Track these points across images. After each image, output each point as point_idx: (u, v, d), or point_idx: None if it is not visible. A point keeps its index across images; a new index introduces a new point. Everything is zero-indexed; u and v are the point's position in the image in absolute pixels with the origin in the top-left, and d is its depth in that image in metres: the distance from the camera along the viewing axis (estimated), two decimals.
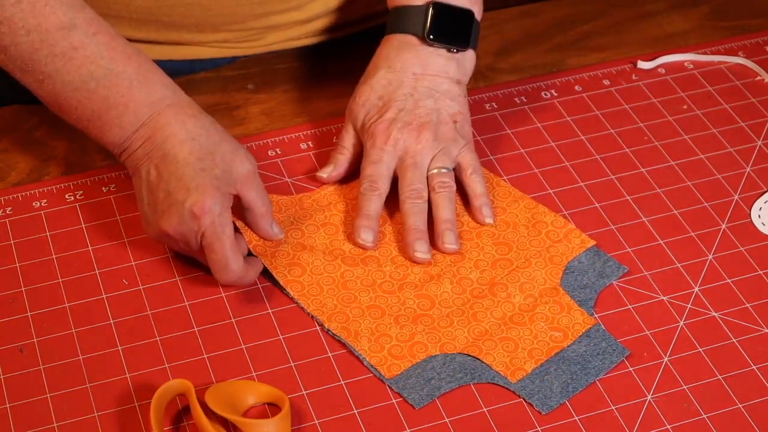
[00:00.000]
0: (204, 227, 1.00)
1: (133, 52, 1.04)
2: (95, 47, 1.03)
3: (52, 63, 1.03)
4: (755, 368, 1.00)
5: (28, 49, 1.02)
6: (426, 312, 1.03)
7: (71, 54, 1.02)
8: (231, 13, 1.20)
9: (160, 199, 1.02)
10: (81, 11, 1.03)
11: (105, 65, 1.03)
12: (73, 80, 1.03)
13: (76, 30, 1.02)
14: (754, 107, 1.24)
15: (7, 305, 1.04)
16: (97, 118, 1.04)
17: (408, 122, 1.10)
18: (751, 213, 1.13)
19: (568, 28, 1.34)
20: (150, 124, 1.03)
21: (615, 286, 1.06)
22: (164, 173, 1.02)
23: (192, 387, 0.94)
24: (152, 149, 1.03)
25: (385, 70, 1.13)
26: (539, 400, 0.97)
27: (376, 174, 1.09)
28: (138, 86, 1.03)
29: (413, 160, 1.09)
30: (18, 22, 1.02)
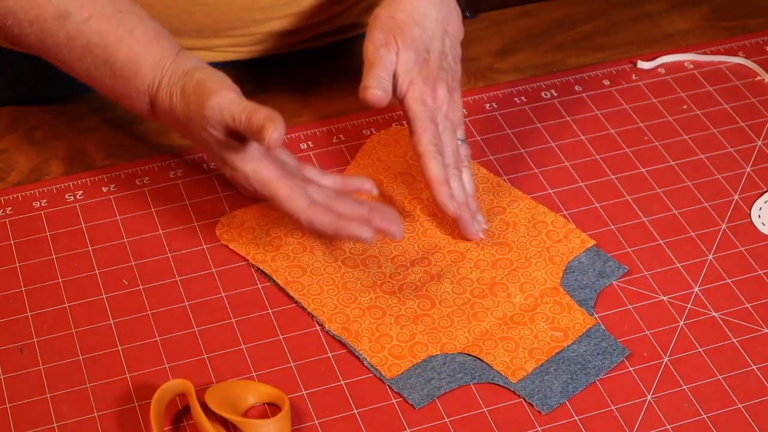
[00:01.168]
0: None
1: (125, 32, 1.04)
2: (88, 35, 1.03)
3: (58, 52, 1.04)
4: (755, 368, 1.00)
5: (35, 40, 1.04)
6: (426, 312, 1.03)
7: (70, 44, 1.04)
8: (232, 20, 1.20)
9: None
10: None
11: (101, 54, 1.04)
12: (80, 68, 1.05)
13: (70, 17, 1.03)
14: (754, 107, 1.24)
15: (7, 305, 1.04)
16: (119, 99, 1.07)
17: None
18: (751, 213, 1.13)
19: (568, 28, 1.34)
20: (154, 92, 1.05)
21: (615, 286, 1.06)
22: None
23: (192, 387, 0.94)
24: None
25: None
26: (539, 400, 0.97)
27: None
28: (131, 73, 1.04)
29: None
30: (20, 14, 1.03)
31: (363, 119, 1.21)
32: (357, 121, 1.21)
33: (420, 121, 1.08)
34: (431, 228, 1.10)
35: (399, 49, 1.09)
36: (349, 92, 1.24)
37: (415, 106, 1.08)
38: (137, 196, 1.13)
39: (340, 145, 1.19)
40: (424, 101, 1.09)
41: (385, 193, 1.13)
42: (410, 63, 1.09)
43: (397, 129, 1.20)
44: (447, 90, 1.10)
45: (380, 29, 1.10)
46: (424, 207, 1.12)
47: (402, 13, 1.10)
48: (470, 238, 1.08)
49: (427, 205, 1.12)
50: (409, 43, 1.09)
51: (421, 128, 1.08)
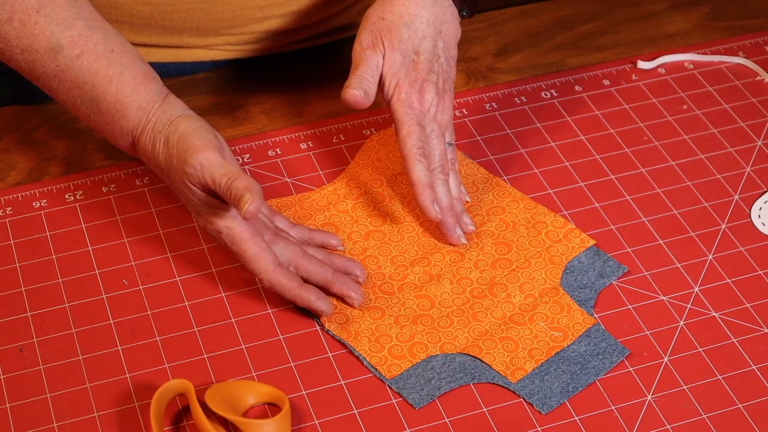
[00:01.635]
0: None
1: (115, 73, 1.04)
2: (78, 71, 1.03)
3: (47, 83, 1.04)
4: (755, 368, 1.00)
5: (26, 68, 1.04)
6: (426, 312, 1.03)
7: (60, 77, 1.04)
8: (232, 17, 1.20)
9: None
10: (68, 29, 1.03)
11: (88, 91, 1.04)
12: (68, 100, 1.05)
13: (62, 52, 1.03)
14: (754, 107, 1.24)
15: (7, 305, 1.04)
16: (109, 133, 1.06)
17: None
18: (751, 213, 1.13)
19: (568, 28, 1.34)
20: (139, 134, 1.04)
21: (615, 286, 1.06)
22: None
23: (192, 387, 0.94)
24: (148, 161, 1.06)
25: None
26: (539, 400, 0.97)
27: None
28: (118, 112, 1.04)
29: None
30: (12, 41, 1.03)
31: (363, 119, 1.21)
32: (357, 121, 1.21)
33: (405, 124, 1.08)
34: (431, 228, 1.10)
35: (385, 50, 1.09)
36: None
37: (401, 108, 1.09)
38: (137, 196, 1.13)
39: (340, 145, 1.19)
40: (410, 104, 1.09)
41: (384, 193, 1.13)
42: (396, 65, 1.09)
43: None
44: (436, 92, 1.10)
45: (369, 30, 1.10)
46: None
47: (392, 14, 1.10)
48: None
49: None
50: (396, 45, 1.09)
51: (406, 131, 1.08)
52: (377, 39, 1.10)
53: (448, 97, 1.11)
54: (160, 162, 1.03)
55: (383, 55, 1.09)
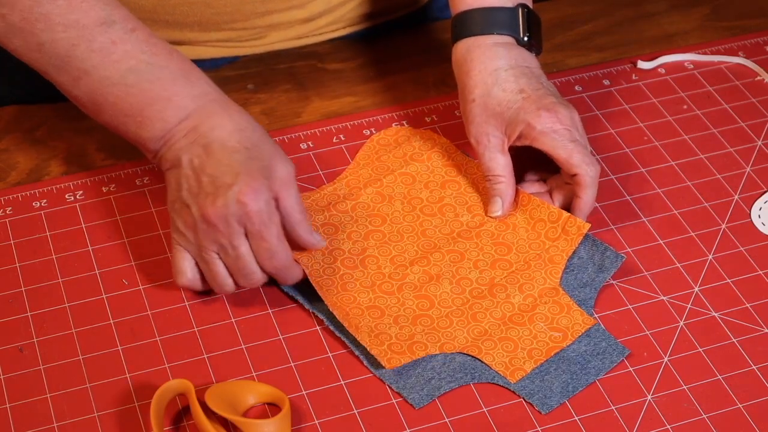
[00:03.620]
0: (251, 212, 0.98)
1: (172, 49, 1.03)
2: (135, 42, 1.02)
3: (89, 59, 1.01)
4: (755, 368, 1.00)
5: (66, 45, 1.01)
6: (425, 312, 1.03)
7: (110, 49, 1.01)
8: (234, 11, 1.20)
9: (204, 183, 0.99)
10: (118, 8, 1.02)
11: (146, 60, 1.02)
12: (112, 75, 1.01)
13: (115, 26, 1.01)
14: (754, 107, 1.24)
15: (7, 305, 1.04)
16: (138, 113, 1.02)
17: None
18: (751, 213, 1.13)
19: (568, 28, 1.34)
20: (194, 115, 1.02)
21: (615, 287, 1.06)
22: (210, 159, 1.00)
23: (192, 387, 0.94)
24: (197, 138, 1.01)
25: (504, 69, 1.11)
26: (539, 400, 0.97)
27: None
28: (181, 81, 1.02)
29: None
30: (55, 18, 1.00)
31: (363, 119, 1.21)
32: (357, 121, 1.21)
33: (557, 148, 1.07)
34: (431, 228, 1.10)
35: (498, 128, 1.09)
36: (350, 92, 1.25)
37: (547, 139, 1.07)
38: (137, 196, 1.13)
39: (340, 145, 1.19)
40: (553, 129, 1.07)
41: (384, 193, 1.13)
42: (514, 119, 1.08)
43: (397, 129, 1.20)
44: (565, 106, 1.09)
45: (470, 123, 1.10)
46: (425, 206, 1.12)
47: (476, 88, 1.10)
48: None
49: (427, 204, 1.12)
50: (499, 110, 1.08)
51: (566, 153, 1.07)
52: (484, 129, 1.09)
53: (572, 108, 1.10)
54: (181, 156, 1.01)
55: (499, 135, 1.09)
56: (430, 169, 1.15)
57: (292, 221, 1.01)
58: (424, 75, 1.27)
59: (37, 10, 1.00)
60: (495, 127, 1.09)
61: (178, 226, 1.01)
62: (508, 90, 1.09)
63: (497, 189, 1.09)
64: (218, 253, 1.00)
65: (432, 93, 1.25)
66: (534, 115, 1.07)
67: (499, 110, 1.08)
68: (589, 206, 1.08)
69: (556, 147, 1.07)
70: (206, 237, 1.00)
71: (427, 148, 1.17)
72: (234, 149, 1.00)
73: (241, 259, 1.00)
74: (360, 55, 1.29)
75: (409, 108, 1.23)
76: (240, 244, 0.99)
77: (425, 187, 1.13)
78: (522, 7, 1.13)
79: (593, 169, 1.06)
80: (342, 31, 1.29)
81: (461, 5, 1.14)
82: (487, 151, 1.09)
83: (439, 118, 1.21)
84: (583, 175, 1.06)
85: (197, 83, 1.03)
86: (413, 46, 1.31)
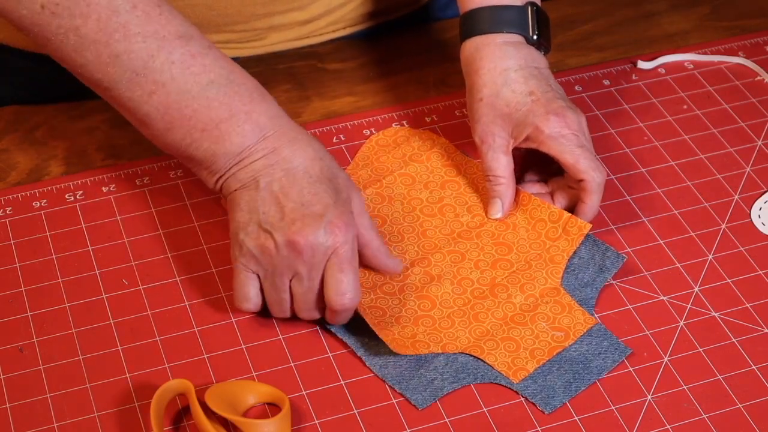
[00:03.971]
0: (339, 244, 0.97)
1: (245, 70, 1.02)
2: (213, 58, 1.00)
3: (169, 70, 0.98)
4: (755, 368, 1.00)
5: (144, 56, 0.98)
6: (427, 313, 1.03)
7: (190, 61, 0.99)
8: (234, 13, 1.20)
9: (288, 209, 0.98)
10: (192, 26, 1.01)
11: (225, 75, 1.00)
12: (192, 88, 0.99)
13: (194, 41, 1.00)
14: (754, 107, 1.24)
15: (7, 305, 1.04)
16: (215, 127, 1.00)
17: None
18: (751, 213, 1.13)
19: (568, 28, 1.34)
20: (274, 137, 1.00)
21: (615, 287, 1.06)
22: (294, 186, 0.98)
23: (192, 387, 0.94)
24: (277, 161, 0.99)
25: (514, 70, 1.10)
26: (542, 400, 0.97)
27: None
28: (259, 98, 1.01)
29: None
30: (134, 29, 0.97)
31: (363, 119, 1.21)
32: (357, 121, 1.21)
33: (565, 153, 1.07)
34: (431, 228, 1.10)
35: (504, 128, 1.09)
36: (350, 92, 1.25)
37: (554, 144, 1.07)
38: (137, 196, 1.13)
39: (340, 145, 1.19)
40: (560, 134, 1.07)
41: (384, 194, 1.13)
42: (522, 121, 1.08)
43: (396, 130, 1.20)
44: (573, 111, 1.09)
45: (476, 121, 1.10)
46: (425, 207, 1.12)
47: (485, 87, 1.09)
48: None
49: (427, 205, 1.12)
50: (506, 111, 1.08)
51: (572, 158, 1.07)
52: (490, 129, 1.09)
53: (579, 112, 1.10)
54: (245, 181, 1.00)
55: (504, 136, 1.09)
56: (429, 169, 1.15)
57: (374, 248, 1.02)
58: (424, 75, 1.27)
59: (115, 20, 0.97)
60: (501, 127, 1.08)
61: (250, 249, 0.99)
62: (518, 91, 1.09)
63: (497, 190, 1.09)
64: (291, 280, 1.00)
65: (432, 93, 1.25)
66: (543, 119, 1.07)
67: (507, 111, 1.08)
68: (594, 211, 1.08)
69: (563, 152, 1.07)
70: (285, 264, 0.98)
71: (427, 148, 1.17)
72: (318, 179, 0.99)
73: (313, 292, 0.99)
74: (360, 55, 1.29)
75: (409, 108, 1.23)
76: (317, 276, 0.99)
77: (425, 188, 1.13)
78: (531, 5, 1.13)
79: (599, 175, 1.06)
80: (342, 32, 1.29)
81: (470, 3, 1.13)
82: (491, 151, 1.09)
83: (439, 118, 1.21)
84: (589, 181, 1.06)
85: (272, 104, 1.02)
86: (413, 46, 1.31)
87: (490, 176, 1.09)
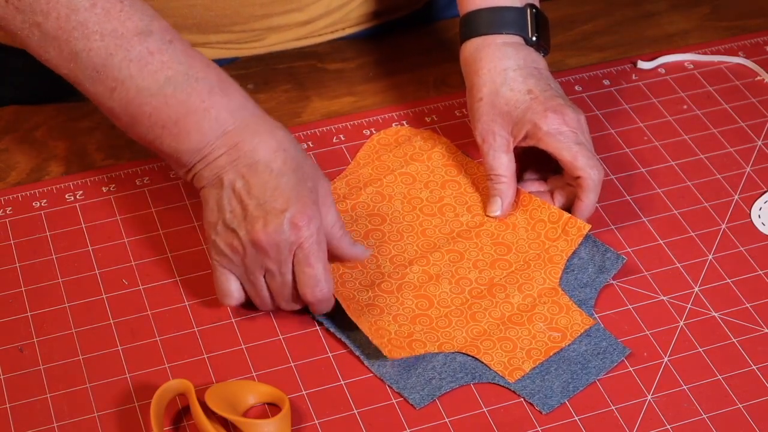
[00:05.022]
0: (303, 239, 0.97)
1: (209, 62, 1.02)
2: (172, 53, 1.00)
3: (127, 68, 0.99)
4: (755, 368, 1.00)
5: (102, 55, 0.98)
6: (424, 312, 1.03)
7: (147, 59, 0.99)
8: (233, 14, 1.20)
9: (251, 207, 0.98)
10: (156, 19, 1.00)
11: (183, 71, 0.99)
12: (150, 86, 0.99)
13: (153, 36, 0.99)
14: (754, 107, 1.24)
15: (7, 305, 1.04)
16: (174, 124, 0.99)
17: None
18: (751, 213, 1.13)
19: (568, 28, 1.34)
20: (234, 132, 1.00)
21: (615, 287, 1.06)
22: (256, 181, 0.98)
23: (192, 387, 0.94)
24: (239, 157, 0.99)
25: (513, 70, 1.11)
26: (540, 400, 0.97)
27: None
28: (219, 93, 1.00)
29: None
30: (92, 26, 0.98)
31: (363, 119, 1.21)
32: (357, 121, 1.21)
33: (563, 150, 1.07)
34: (430, 228, 1.10)
35: (504, 128, 1.09)
36: (350, 92, 1.25)
37: (552, 140, 1.07)
38: (137, 196, 1.13)
39: (340, 145, 1.19)
40: (558, 131, 1.07)
41: (384, 192, 1.13)
42: (521, 119, 1.08)
43: (397, 129, 1.20)
44: (573, 109, 1.09)
45: (477, 120, 1.10)
46: (424, 206, 1.12)
47: (484, 87, 1.10)
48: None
49: (427, 204, 1.12)
50: (506, 109, 1.08)
51: (570, 155, 1.07)
52: (490, 128, 1.09)
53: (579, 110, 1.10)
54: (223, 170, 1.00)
55: (505, 134, 1.09)
56: (430, 168, 1.15)
57: (335, 236, 1.01)
58: (424, 75, 1.27)
59: (74, 18, 0.98)
60: (501, 126, 1.09)
61: (222, 249, 0.99)
62: (516, 90, 1.09)
63: (498, 189, 1.09)
64: (264, 276, 1.00)
65: (432, 93, 1.25)
66: (541, 116, 1.07)
67: (506, 109, 1.09)
68: (590, 209, 1.08)
69: (561, 149, 1.07)
70: (254, 261, 0.99)
71: (428, 147, 1.17)
72: (280, 171, 0.99)
73: (287, 286, 0.99)
74: (360, 55, 1.29)
75: (409, 108, 1.23)
76: (287, 271, 0.99)
77: (425, 187, 1.13)
78: (530, 7, 1.13)
79: (597, 173, 1.06)
80: (341, 33, 1.29)
81: (470, 5, 1.14)
82: (492, 150, 1.09)
83: (439, 118, 1.21)
84: (586, 178, 1.06)
85: (234, 96, 1.01)
86: (413, 46, 1.31)
87: (491, 175, 1.10)
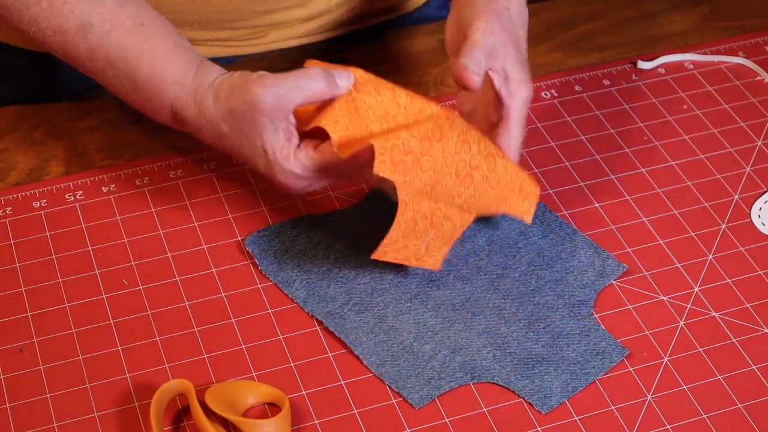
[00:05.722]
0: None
1: (147, 48, 1.03)
2: (109, 48, 1.02)
3: (81, 64, 1.04)
4: (755, 368, 1.00)
5: (59, 50, 1.04)
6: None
7: (93, 56, 1.03)
8: (234, 10, 1.20)
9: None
10: (97, 6, 1.02)
11: (122, 68, 1.03)
12: (104, 80, 1.05)
13: (92, 29, 1.02)
14: (754, 107, 1.24)
15: (7, 305, 1.04)
16: (142, 108, 1.05)
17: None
18: (751, 213, 1.13)
19: (568, 28, 1.34)
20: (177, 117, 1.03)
21: (615, 286, 1.06)
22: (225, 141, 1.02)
23: (192, 387, 0.95)
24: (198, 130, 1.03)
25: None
26: (539, 400, 0.97)
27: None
28: (155, 90, 1.03)
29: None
30: (43, 23, 1.02)
31: None
32: None
33: (518, 127, 1.06)
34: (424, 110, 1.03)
35: (501, 34, 1.05)
36: None
37: (520, 107, 1.05)
38: (137, 196, 1.13)
39: None
40: (521, 97, 1.05)
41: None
42: (515, 59, 1.06)
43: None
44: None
45: (484, 18, 1.05)
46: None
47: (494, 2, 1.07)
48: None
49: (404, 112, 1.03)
50: (508, 27, 1.06)
51: (516, 134, 1.06)
52: (491, 22, 1.05)
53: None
54: (216, 125, 1.01)
55: (500, 40, 1.05)
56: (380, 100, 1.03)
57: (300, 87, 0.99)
58: (423, 74, 1.27)
59: (27, 13, 1.02)
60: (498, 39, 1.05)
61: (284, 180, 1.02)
62: (515, 23, 1.08)
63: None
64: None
65: (431, 93, 1.25)
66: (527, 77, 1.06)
67: (508, 27, 1.07)
68: (479, 67, 1.02)
69: (514, 124, 1.05)
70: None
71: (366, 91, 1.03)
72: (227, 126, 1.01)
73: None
74: (360, 55, 1.29)
75: None
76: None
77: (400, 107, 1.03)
78: None
79: (492, 38, 1.02)
80: (342, 30, 1.29)
81: None
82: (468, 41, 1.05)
83: None
84: (472, 34, 1.02)
85: (169, 91, 1.02)
86: (413, 45, 1.31)
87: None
